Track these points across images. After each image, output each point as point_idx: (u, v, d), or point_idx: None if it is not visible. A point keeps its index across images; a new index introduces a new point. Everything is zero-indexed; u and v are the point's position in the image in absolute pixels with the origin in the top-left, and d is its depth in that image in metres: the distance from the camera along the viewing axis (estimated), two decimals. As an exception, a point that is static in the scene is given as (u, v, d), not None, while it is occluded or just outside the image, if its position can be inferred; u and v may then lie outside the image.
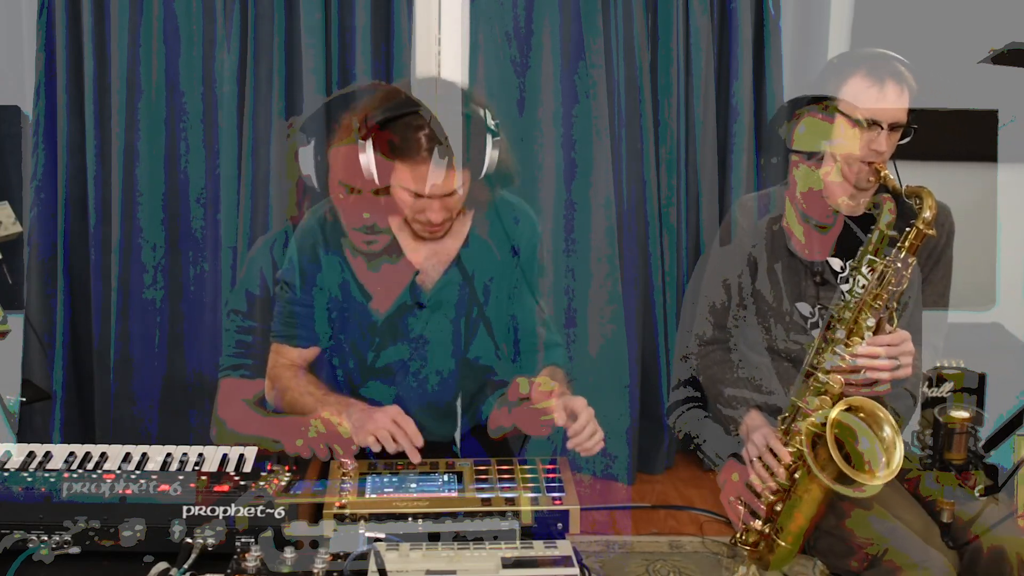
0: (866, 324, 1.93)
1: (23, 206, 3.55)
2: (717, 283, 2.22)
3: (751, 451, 2.03)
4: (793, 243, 2.17)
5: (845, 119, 2.03)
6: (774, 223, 2.19)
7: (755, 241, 2.18)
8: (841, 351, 1.93)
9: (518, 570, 1.51)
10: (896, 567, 1.92)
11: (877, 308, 1.93)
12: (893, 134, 2.06)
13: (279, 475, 1.71)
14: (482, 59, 3.61)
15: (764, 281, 2.16)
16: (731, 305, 2.20)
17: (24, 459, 1.79)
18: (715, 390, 2.20)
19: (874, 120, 2.02)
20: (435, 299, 2.07)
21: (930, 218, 1.91)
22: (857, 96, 2.05)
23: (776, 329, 2.15)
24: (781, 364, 2.16)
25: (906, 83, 2.06)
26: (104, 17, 3.50)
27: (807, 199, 2.11)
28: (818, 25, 3.79)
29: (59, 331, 3.62)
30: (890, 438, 1.83)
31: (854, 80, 2.05)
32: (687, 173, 3.78)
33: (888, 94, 2.04)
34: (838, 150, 2.04)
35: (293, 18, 3.51)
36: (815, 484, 1.91)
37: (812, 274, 2.14)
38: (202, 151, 3.61)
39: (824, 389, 1.94)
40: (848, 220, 2.13)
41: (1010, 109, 3.50)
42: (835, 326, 1.95)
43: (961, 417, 1.83)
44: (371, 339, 2.07)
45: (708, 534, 3.17)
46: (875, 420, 1.86)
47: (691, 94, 3.73)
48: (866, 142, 2.03)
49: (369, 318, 2.06)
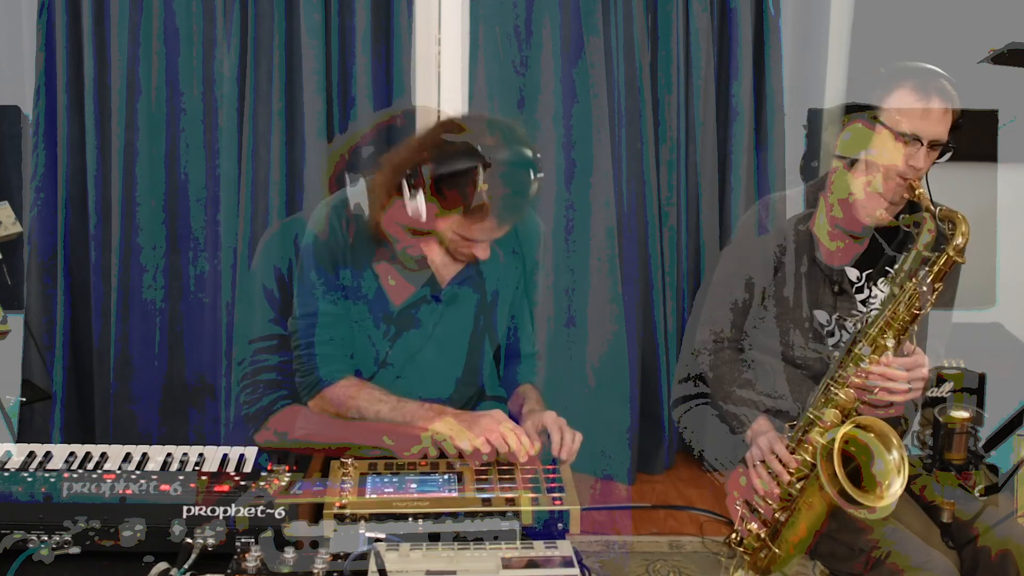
0: (887, 343, 1.93)
1: (23, 206, 3.55)
2: (740, 280, 2.20)
3: (755, 454, 2.02)
4: (820, 249, 2.16)
5: (889, 131, 2.02)
6: (801, 223, 2.17)
7: (780, 240, 2.17)
8: (864, 367, 1.93)
9: (518, 570, 1.51)
10: (899, 570, 1.92)
11: (899, 330, 1.93)
12: (932, 152, 2.04)
13: (279, 475, 1.70)
14: (482, 59, 3.61)
15: (789, 284, 2.15)
16: (752, 305, 2.19)
17: (24, 459, 1.79)
18: (723, 390, 2.19)
19: (916, 136, 2.01)
20: (451, 295, 2.07)
21: (962, 245, 1.91)
22: (902, 109, 2.03)
23: (794, 335, 2.14)
24: (793, 371, 2.15)
25: (951, 102, 2.04)
26: (104, 17, 3.50)
27: (843, 206, 2.10)
28: (818, 25, 3.78)
29: (59, 331, 3.62)
30: (897, 461, 1.83)
31: (900, 93, 2.03)
32: (687, 173, 3.78)
33: (933, 111, 2.02)
34: (880, 160, 2.02)
35: (293, 18, 3.50)
36: (819, 497, 1.90)
37: (831, 282, 2.14)
38: (202, 151, 3.61)
39: (839, 405, 1.94)
40: (879, 236, 2.12)
41: (1010, 109, 3.50)
42: (860, 341, 1.96)
43: (961, 417, 1.83)
44: (386, 328, 2.06)
45: (708, 534, 3.17)
46: (886, 441, 1.86)
47: (691, 94, 3.73)
48: (905, 157, 2.01)
49: (386, 308, 2.06)
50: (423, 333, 2.07)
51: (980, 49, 2.42)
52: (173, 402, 3.70)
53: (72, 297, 3.66)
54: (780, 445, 1.98)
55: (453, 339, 2.10)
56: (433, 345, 2.08)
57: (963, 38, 3.27)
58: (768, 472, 1.99)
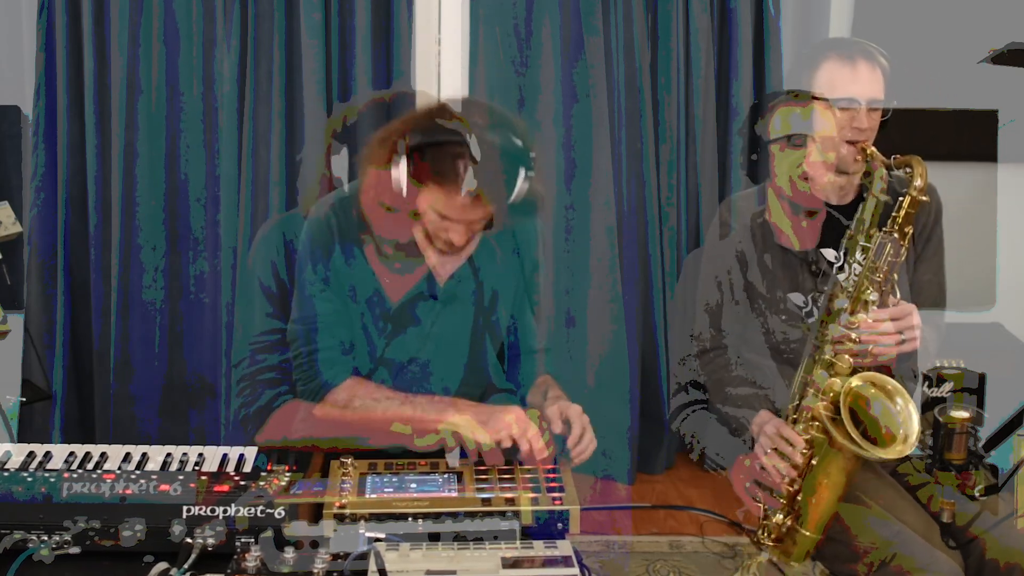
0: (869, 298, 1.93)
1: (23, 206, 3.55)
2: (710, 282, 2.21)
3: (764, 444, 2.00)
4: (780, 238, 2.17)
5: (820, 102, 2.04)
6: (758, 217, 2.19)
7: (741, 237, 2.18)
8: (845, 320, 1.92)
9: (518, 570, 1.51)
10: (904, 572, 1.91)
11: (878, 281, 1.93)
12: (874, 112, 2.07)
13: (279, 475, 1.70)
14: (482, 59, 3.61)
15: (755, 273, 2.15)
16: (724, 302, 2.19)
17: (24, 459, 1.79)
18: (720, 394, 2.19)
19: (851, 98, 2.04)
20: (448, 293, 2.07)
21: (922, 185, 1.91)
22: (831, 79, 2.08)
23: (772, 321, 2.14)
24: (780, 359, 2.15)
25: (877, 62, 2.08)
26: (104, 17, 3.50)
27: (791, 187, 2.10)
28: (818, 25, 3.79)
29: (59, 331, 3.62)
30: (903, 408, 1.84)
31: (826, 65, 2.08)
32: (687, 173, 3.78)
33: (860, 71, 2.06)
34: (817, 133, 2.04)
35: (293, 18, 3.51)
36: (834, 464, 1.90)
37: (807, 263, 2.14)
38: (202, 151, 3.61)
39: (830, 365, 1.94)
40: (833, 208, 2.13)
41: (1010, 109, 3.50)
42: (837, 295, 1.95)
43: (961, 417, 1.83)
44: (383, 325, 2.06)
45: (708, 534, 3.17)
46: (886, 392, 1.86)
47: (691, 94, 3.73)
48: (847, 121, 2.04)
49: (383, 304, 2.06)
50: (422, 331, 2.07)
51: (980, 49, 2.42)
52: (173, 402, 3.70)
53: (72, 297, 3.67)
54: (786, 427, 1.97)
55: (453, 337, 2.10)
56: (432, 344, 2.08)
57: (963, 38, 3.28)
58: (781, 456, 1.98)
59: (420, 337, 2.08)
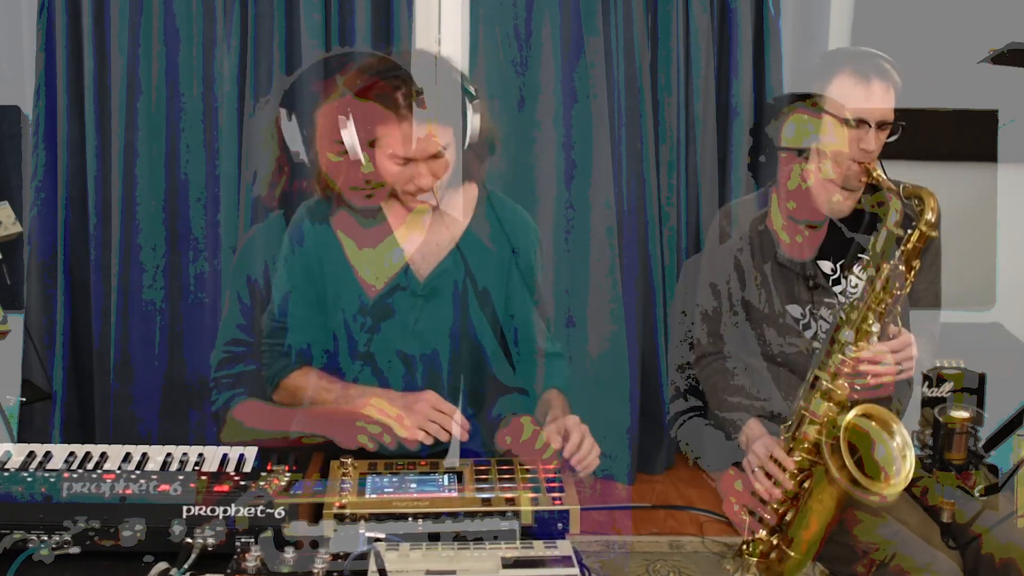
0: (871, 328, 1.92)
1: (23, 206, 3.55)
2: (707, 288, 2.20)
3: (753, 461, 2.00)
4: (781, 247, 2.16)
5: (832, 117, 2.02)
6: (759, 223, 2.18)
7: (740, 244, 2.17)
8: (849, 354, 1.92)
9: (518, 570, 1.51)
10: (904, 572, 1.91)
11: (881, 312, 1.92)
12: (881, 132, 2.06)
13: (279, 475, 1.71)
14: (482, 59, 3.61)
15: (752, 289, 2.14)
16: (722, 310, 2.19)
17: (24, 459, 1.79)
18: (717, 399, 2.18)
19: (862, 119, 2.02)
20: (429, 287, 2.08)
21: (933, 220, 1.90)
22: (844, 95, 2.05)
23: (769, 333, 2.14)
24: (776, 369, 2.15)
25: (891, 80, 2.06)
26: (104, 17, 3.50)
27: (796, 198, 2.10)
28: (818, 25, 3.79)
29: (59, 331, 3.62)
30: (901, 446, 1.83)
31: (840, 79, 2.05)
32: (687, 173, 3.78)
33: (875, 92, 2.04)
34: (827, 148, 2.03)
35: (293, 18, 3.51)
36: (828, 492, 1.90)
37: (804, 278, 2.14)
38: (202, 151, 3.61)
39: (829, 395, 1.94)
40: (836, 221, 2.13)
41: (1010, 109, 3.50)
42: (843, 327, 1.95)
43: (961, 417, 1.83)
44: (362, 320, 2.07)
45: (708, 534, 3.17)
46: (887, 427, 1.85)
47: (691, 94, 3.73)
48: (855, 141, 2.02)
49: (361, 299, 2.06)
50: (403, 326, 2.08)
51: (980, 49, 2.41)
52: (173, 402, 3.70)
53: (72, 297, 3.67)
54: (778, 449, 1.97)
55: (435, 333, 2.10)
56: (416, 340, 2.09)
57: (963, 38, 3.28)
58: (768, 478, 1.97)
59: (403, 332, 2.08)
